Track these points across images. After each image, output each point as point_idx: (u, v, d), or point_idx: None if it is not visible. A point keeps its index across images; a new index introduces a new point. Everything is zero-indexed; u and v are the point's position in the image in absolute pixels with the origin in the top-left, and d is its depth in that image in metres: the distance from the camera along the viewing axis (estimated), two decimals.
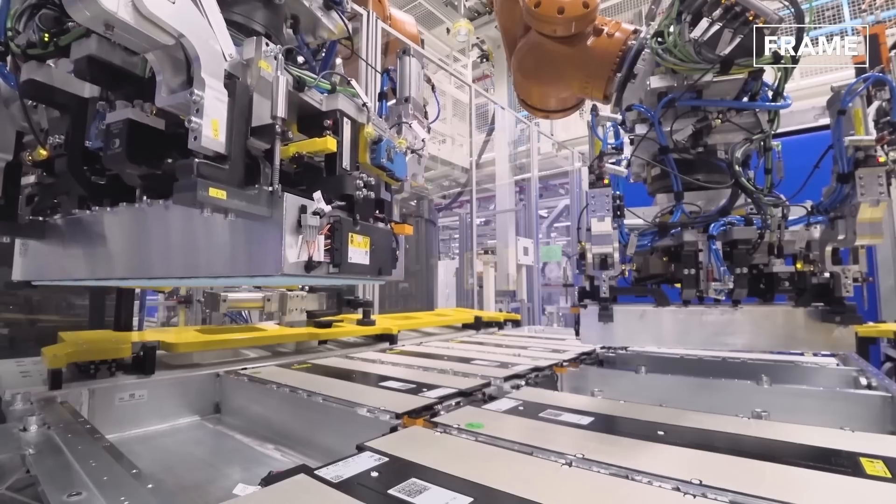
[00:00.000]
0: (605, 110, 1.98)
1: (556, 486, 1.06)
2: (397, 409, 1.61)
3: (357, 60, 3.71)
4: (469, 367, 2.49)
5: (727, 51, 1.62)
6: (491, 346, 3.46)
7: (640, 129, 1.91)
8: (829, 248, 1.58)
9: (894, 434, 1.66)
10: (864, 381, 2.14)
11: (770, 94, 1.78)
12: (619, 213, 1.76)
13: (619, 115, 2.00)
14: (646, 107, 1.87)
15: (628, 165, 1.94)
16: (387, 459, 1.19)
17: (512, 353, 2.99)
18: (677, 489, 1.03)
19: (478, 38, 10.98)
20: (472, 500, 0.98)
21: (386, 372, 2.35)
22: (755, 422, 1.53)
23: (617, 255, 1.74)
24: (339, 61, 2.17)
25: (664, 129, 1.81)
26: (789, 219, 1.70)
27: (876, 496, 1.01)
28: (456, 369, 2.40)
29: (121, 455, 1.22)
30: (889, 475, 1.09)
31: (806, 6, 1.59)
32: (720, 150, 1.85)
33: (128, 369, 2.12)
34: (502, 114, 9.81)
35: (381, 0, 4.59)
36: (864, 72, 1.59)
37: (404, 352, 3.16)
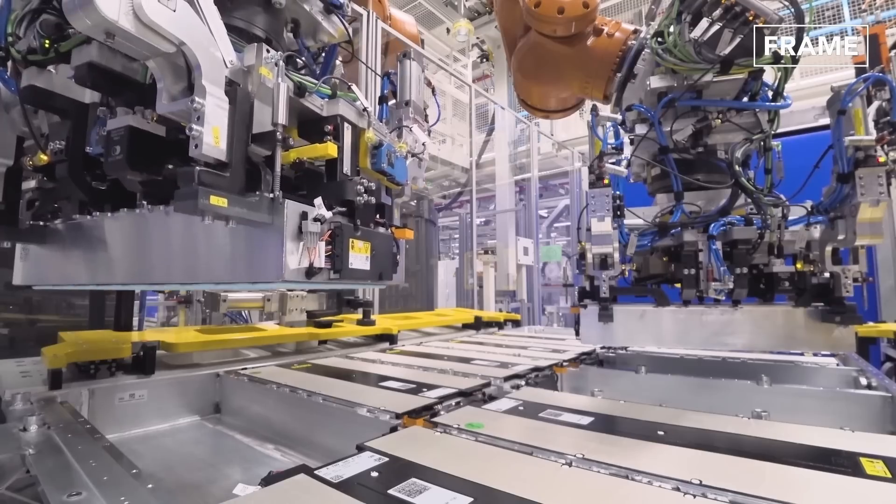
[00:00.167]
0: (605, 110, 1.98)
1: (556, 486, 1.06)
2: (397, 409, 1.61)
3: (357, 62, 3.71)
4: (469, 367, 2.49)
5: (727, 51, 1.62)
6: (491, 346, 3.46)
7: (640, 129, 1.91)
8: (829, 248, 1.58)
9: (894, 434, 1.66)
10: (864, 381, 2.14)
11: (770, 94, 1.78)
12: (619, 213, 1.76)
13: (619, 115, 1.99)
14: (646, 107, 1.87)
15: (628, 165, 1.94)
16: (387, 459, 1.20)
17: (512, 353, 2.99)
18: (677, 489, 1.03)
19: (478, 38, 10.98)
20: (472, 500, 0.98)
21: (386, 372, 2.35)
22: (755, 422, 1.53)
23: (617, 255, 1.74)
24: (338, 62, 2.17)
25: (664, 129, 1.81)
26: (789, 219, 1.70)
27: (876, 496, 1.00)
28: (456, 369, 2.40)
29: (121, 455, 1.22)
30: (889, 475, 1.09)
31: (806, 6, 1.59)
32: (720, 150, 1.85)
33: (128, 369, 2.12)
34: (502, 114, 9.80)
35: (381, 0, 4.59)
36: (864, 72, 1.59)
37: (404, 352, 3.16)
